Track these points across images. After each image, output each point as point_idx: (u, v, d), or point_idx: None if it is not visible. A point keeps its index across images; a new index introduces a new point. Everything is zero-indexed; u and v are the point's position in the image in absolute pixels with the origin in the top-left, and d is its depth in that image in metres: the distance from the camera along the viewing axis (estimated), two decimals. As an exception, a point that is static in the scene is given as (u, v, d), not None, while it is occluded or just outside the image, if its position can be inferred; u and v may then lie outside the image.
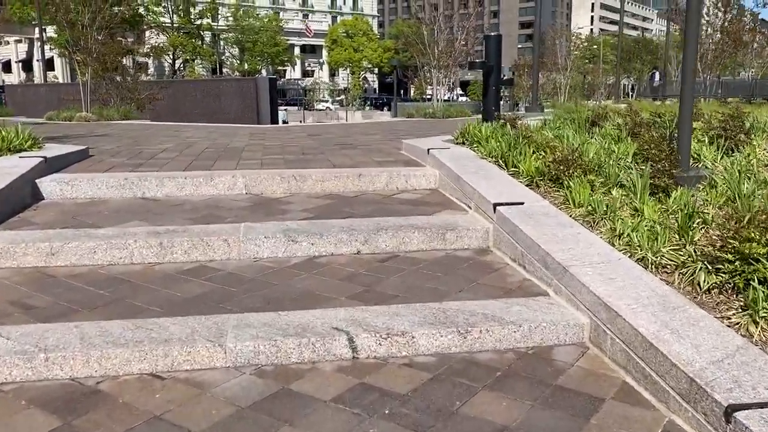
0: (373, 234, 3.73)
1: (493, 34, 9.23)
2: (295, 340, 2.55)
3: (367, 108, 72.05)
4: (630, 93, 35.38)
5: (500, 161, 4.95)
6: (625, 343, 2.45)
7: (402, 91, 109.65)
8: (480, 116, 8.51)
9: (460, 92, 68.47)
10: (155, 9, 77.65)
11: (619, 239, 3.36)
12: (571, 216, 3.72)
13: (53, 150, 5.52)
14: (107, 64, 18.39)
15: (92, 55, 15.49)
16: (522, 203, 3.85)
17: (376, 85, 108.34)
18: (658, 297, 2.64)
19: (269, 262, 3.56)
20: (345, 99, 72.28)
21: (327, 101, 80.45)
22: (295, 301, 3.01)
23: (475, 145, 5.64)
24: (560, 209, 3.85)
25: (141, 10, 76.42)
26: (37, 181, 4.59)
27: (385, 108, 78.30)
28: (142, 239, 3.57)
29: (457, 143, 6.05)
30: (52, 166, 5.03)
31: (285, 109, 52.50)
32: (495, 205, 3.81)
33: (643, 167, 4.84)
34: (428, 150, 5.40)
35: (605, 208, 3.70)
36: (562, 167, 4.32)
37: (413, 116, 16.68)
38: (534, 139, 5.37)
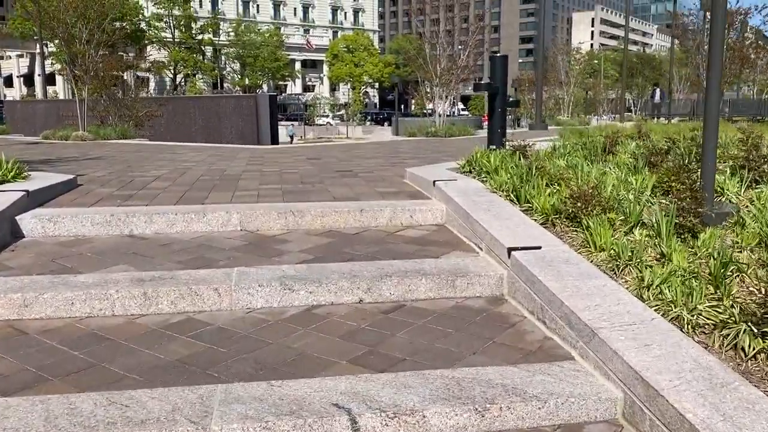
0: (376, 281, 3.43)
1: (498, 54, 8.99)
2: (290, 421, 2.23)
3: (368, 123, 72.04)
4: (632, 109, 35.19)
5: (512, 195, 4.65)
6: (668, 429, 2.14)
7: (402, 106, 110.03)
8: (485, 136, 8.23)
9: (462, 107, 68.47)
10: (157, 24, 78.07)
11: (648, 291, 3.05)
12: (592, 262, 3.42)
13: (38, 181, 5.23)
14: (105, 80, 18.21)
15: (89, 72, 15.24)
16: (539, 248, 3.54)
17: (376, 100, 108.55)
18: (703, 370, 2.33)
19: (263, 314, 3.25)
20: (346, 114, 72.26)
21: (327, 116, 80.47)
22: (290, 366, 2.69)
23: (483, 176, 5.34)
24: (580, 253, 3.55)
25: (143, 25, 77.01)
26: (17, 217, 4.29)
27: (386, 123, 78.31)
28: (125, 288, 3.27)
29: (463, 172, 5.76)
30: (36, 199, 4.74)
31: (292, 124, 52.08)
32: (510, 250, 3.51)
33: (663, 201, 4.55)
34: (434, 182, 5.11)
35: (630, 254, 3.40)
36: (579, 204, 4.02)
37: (415, 135, 16.44)
38: (547, 170, 5.08)
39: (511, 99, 9.14)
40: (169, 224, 4.42)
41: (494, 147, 9.04)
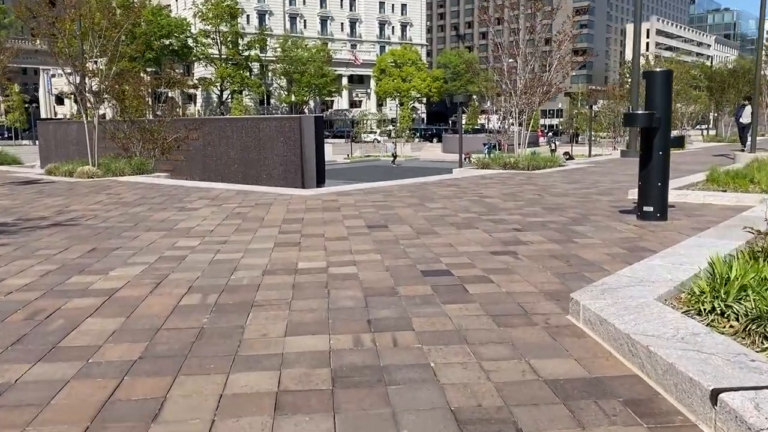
0: None
1: (658, 69, 5.94)
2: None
3: (416, 140, 69.13)
4: (723, 127, 31.24)
5: None
6: None
7: (450, 121, 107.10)
8: (583, 168, 5.21)
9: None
10: (204, 41, 77.29)
11: None
12: None
13: None
14: (126, 102, 15.83)
15: (101, 94, 12.75)
16: None
17: (424, 115, 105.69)
18: None
19: None
20: (394, 130, 69.52)
21: (374, 133, 77.90)
22: None
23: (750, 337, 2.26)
24: None
25: (189, 42, 76.32)
26: None
27: (435, 139, 75.26)
28: None
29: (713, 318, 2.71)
30: None
31: (393, 143, 48.68)
32: None
33: None
34: (714, 394, 2.05)
35: None
36: None
37: (489, 166, 13.39)
38: None
39: (673, 135, 6.05)
40: None
41: (650, 209, 5.94)
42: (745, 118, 18.57)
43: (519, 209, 6.99)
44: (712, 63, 68.00)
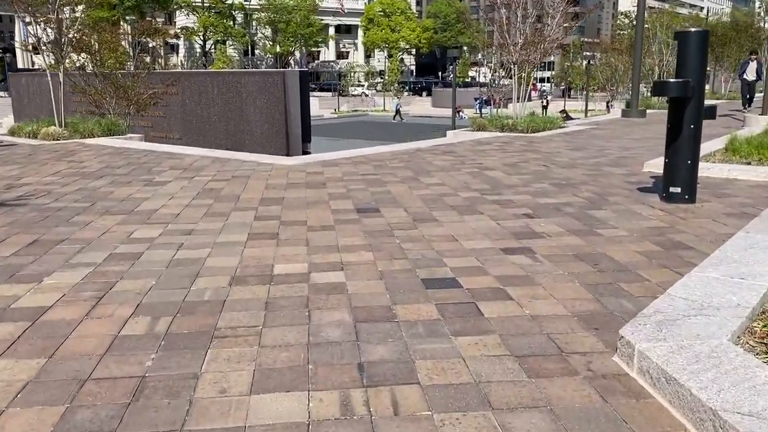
0: None
1: (693, 29, 5.19)
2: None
3: (406, 93, 67.62)
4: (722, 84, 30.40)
5: None
6: None
7: (440, 73, 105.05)
8: (584, 131, 4.52)
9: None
10: (185, -13, 74.25)
11: None
12: None
13: None
14: (98, 55, 14.73)
15: (64, 46, 11.70)
16: None
17: (413, 68, 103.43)
18: None
19: None
20: (382, 83, 67.82)
21: (362, 86, 76.08)
22: None
23: None
24: None
25: (170, -12, 73.26)
26: None
27: (424, 93, 73.69)
28: None
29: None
30: None
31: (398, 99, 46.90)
32: None
33: None
34: None
35: None
36: None
37: (485, 128, 12.59)
38: None
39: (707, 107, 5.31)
40: None
41: (678, 190, 5.25)
42: (750, 74, 17.76)
43: (525, 186, 6.27)
44: (707, 16, 66.53)
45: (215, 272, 3.55)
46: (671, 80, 4.98)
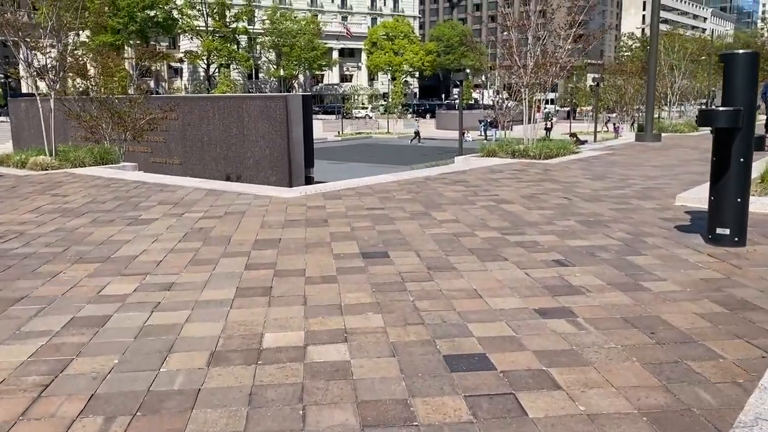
0: None
1: (740, 51, 4.57)
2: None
3: (409, 116, 67.34)
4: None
5: None
6: None
7: (443, 95, 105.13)
8: (598, 157, 3.86)
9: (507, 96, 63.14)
10: (189, 12, 74.57)
11: None
12: None
13: None
14: (92, 80, 14.29)
15: (53, 73, 11.23)
16: None
17: (416, 90, 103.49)
18: None
19: None
20: (385, 106, 67.59)
21: (366, 108, 75.87)
22: None
23: None
24: None
25: (174, 13, 73.59)
26: None
27: (428, 115, 73.35)
28: None
29: None
30: None
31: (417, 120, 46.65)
32: None
33: None
34: None
35: None
36: None
37: (496, 154, 12.02)
38: None
39: (756, 136, 4.67)
40: None
41: (726, 231, 4.63)
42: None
43: (549, 223, 5.65)
44: (713, 37, 66.28)
45: (192, 345, 2.93)
46: (720, 108, 4.39)
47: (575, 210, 6.33)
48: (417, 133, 45.02)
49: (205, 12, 76.53)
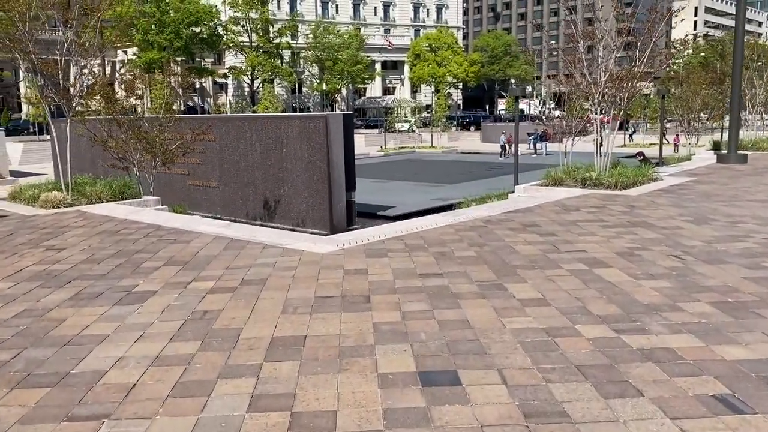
0: None
1: None
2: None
3: (453, 129, 65.73)
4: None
5: None
6: None
7: (487, 107, 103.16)
8: (685, 185, 2.03)
9: (552, 105, 60.91)
10: (233, 28, 74.89)
11: None
12: None
13: None
14: (116, 105, 13.29)
15: (70, 97, 10.22)
16: None
17: (460, 102, 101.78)
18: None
19: None
20: (429, 119, 66.10)
21: (409, 121, 74.60)
22: None
23: None
24: None
25: (219, 29, 74.03)
26: None
27: (472, 127, 71.51)
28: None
29: None
30: None
31: (505, 133, 39.47)
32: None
33: None
34: None
35: None
36: None
37: (563, 182, 10.45)
38: None
39: None
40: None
41: None
42: None
43: (675, 309, 4.10)
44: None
45: None
46: None
47: (697, 279, 4.76)
48: (504, 147, 37.73)
49: (248, 28, 76.76)
